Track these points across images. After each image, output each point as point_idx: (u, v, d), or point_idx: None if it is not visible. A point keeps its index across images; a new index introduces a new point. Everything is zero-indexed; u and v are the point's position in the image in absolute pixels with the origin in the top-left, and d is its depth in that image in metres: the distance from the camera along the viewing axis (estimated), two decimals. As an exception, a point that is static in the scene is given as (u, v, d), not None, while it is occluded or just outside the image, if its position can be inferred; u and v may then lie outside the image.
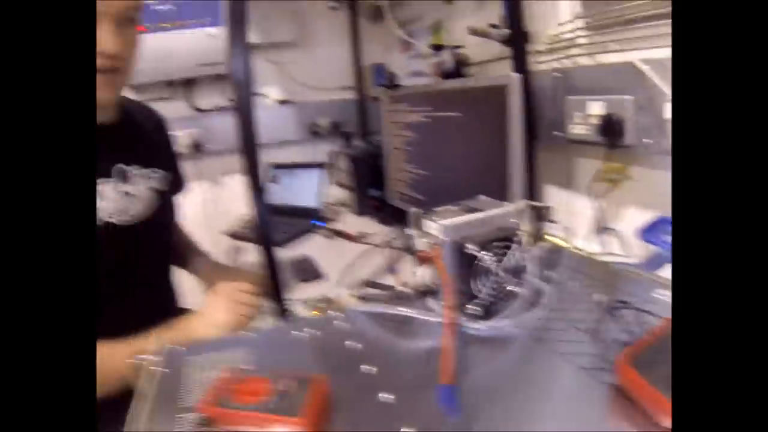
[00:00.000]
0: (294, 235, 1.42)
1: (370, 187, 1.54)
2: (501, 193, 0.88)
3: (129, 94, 0.94)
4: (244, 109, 0.84)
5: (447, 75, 1.28)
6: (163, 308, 0.95)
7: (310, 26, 2.07)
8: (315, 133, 2.02)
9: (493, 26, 1.06)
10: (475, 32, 1.09)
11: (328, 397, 0.44)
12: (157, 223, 0.92)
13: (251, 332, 0.67)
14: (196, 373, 0.51)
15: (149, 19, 1.74)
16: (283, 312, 0.87)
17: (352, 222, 1.54)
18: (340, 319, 0.62)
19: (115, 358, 0.70)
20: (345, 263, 1.00)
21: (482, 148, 0.99)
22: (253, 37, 1.85)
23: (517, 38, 1.02)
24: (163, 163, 0.96)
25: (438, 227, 0.59)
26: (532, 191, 0.97)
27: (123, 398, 0.53)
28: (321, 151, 2.01)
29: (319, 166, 1.71)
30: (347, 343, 0.56)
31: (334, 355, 0.55)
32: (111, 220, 0.82)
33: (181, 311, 0.97)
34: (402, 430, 0.40)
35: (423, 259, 0.61)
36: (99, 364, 0.72)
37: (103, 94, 0.77)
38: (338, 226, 1.47)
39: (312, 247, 1.33)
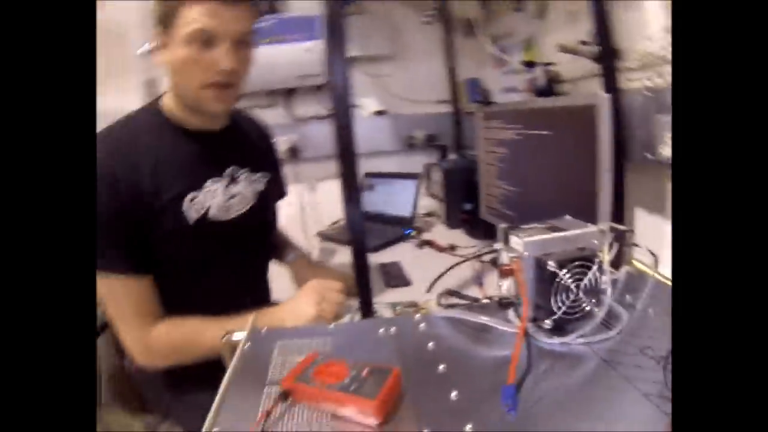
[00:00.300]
0: (385, 242, 1.49)
1: (462, 200, 1.58)
2: (589, 214, 0.88)
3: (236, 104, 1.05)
4: (342, 118, 0.88)
5: (539, 92, 1.29)
6: (257, 297, 1.03)
7: (405, 40, 2.14)
8: (410, 145, 2.09)
9: (584, 43, 1.05)
10: (564, 49, 1.09)
11: (401, 388, 0.49)
12: (255, 221, 1.02)
13: (338, 326, 0.73)
14: (283, 355, 0.59)
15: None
16: (369, 312, 0.93)
17: (442, 233, 1.58)
18: (422, 322, 0.67)
19: (206, 334, 0.84)
20: (432, 272, 1.05)
21: (571, 167, 1.00)
22: (351, 50, 1.98)
23: (606, 55, 1.01)
24: (267, 167, 1.06)
25: (521, 243, 0.62)
26: (620, 213, 0.96)
27: (214, 370, 0.61)
28: (416, 162, 2.08)
29: (414, 177, 1.77)
30: (429, 345, 0.61)
31: (413, 354, 0.59)
32: (210, 215, 0.92)
33: (273, 304, 1.05)
34: (466, 428, 0.44)
35: (505, 273, 0.64)
36: (193, 335, 0.86)
37: (219, 106, 0.89)
38: (429, 236, 1.52)
39: (402, 254, 1.38)
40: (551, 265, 0.58)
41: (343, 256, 1.29)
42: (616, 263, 0.64)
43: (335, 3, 0.90)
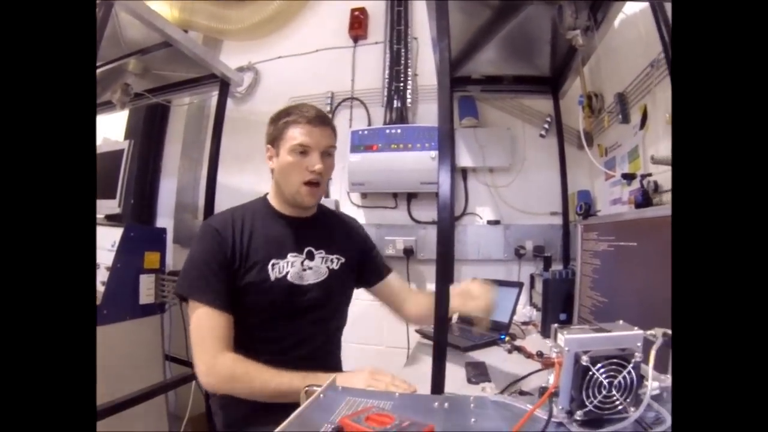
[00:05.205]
0: (479, 344, 1.55)
1: (559, 311, 1.60)
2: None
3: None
4: (444, 223, 0.98)
5: (638, 204, 1.33)
6: (320, 357, 1.23)
7: (522, 152, 2.29)
8: (520, 254, 2.16)
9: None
10: (657, 161, 1.14)
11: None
12: (325, 291, 1.24)
13: (402, 395, 0.80)
14: (348, 406, 0.71)
15: (381, 140, 2.21)
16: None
17: (535, 341, 1.60)
18: (474, 402, 0.75)
19: (263, 376, 1.05)
20: (514, 376, 1.11)
21: (652, 278, 1.02)
22: (471, 161, 2.18)
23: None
24: (343, 253, 1.31)
25: (563, 339, 0.69)
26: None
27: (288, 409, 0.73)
28: (524, 271, 2.14)
29: (516, 285, 1.82)
30: (472, 420, 0.69)
31: (455, 424, 0.67)
32: (288, 278, 1.18)
33: (336, 368, 1.29)
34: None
35: (547, 364, 0.71)
36: (254, 373, 1.05)
37: (310, 199, 1.22)
38: (521, 343, 1.54)
39: (491, 356, 1.43)
40: (584, 359, 0.64)
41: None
42: (664, 368, 0.67)
43: (447, 117, 1.04)
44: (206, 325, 1.09)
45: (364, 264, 1.39)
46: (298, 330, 1.19)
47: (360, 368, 1.07)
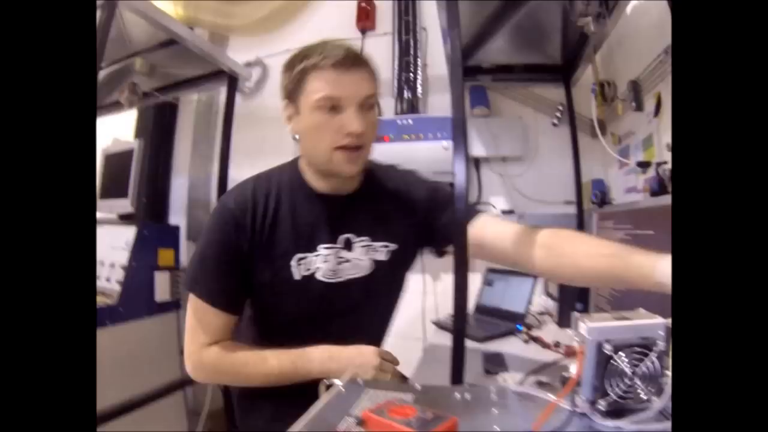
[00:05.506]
0: (495, 334, 1.54)
1: (575, 300, 1.59)
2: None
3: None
4: (460, 214, 0.96)
5: (654, 192, 1.32)
6: None
7: (535, 141, 2.27)
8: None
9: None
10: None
11: (455, 433, 0.58)
12: (368, 291, 1.01)
13: (423, 387, 0.80)
14: (369, 399, 0.71)
15: (393, 131, 2.19)
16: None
17: (552, 331, 1.59)
18: (495, 393, 0.74)
19: (282, 369, 0.93)
20: (531, 366, 1.10)
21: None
22: (483, 150, 2.15)
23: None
24: (395, 237, 1.03)
25: (585, 328, 0.68)
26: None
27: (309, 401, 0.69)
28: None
29: (533, 275, 1.81)
30: (493, 410, 0.69)
31: (477, 414, 0.67)
32: (318, 276, 0.97)
33: None
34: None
35: (570, 354, 0.70)
36: (240, 366, 0.94)
37: (349, 167, 0.93)
38: (538, 333, 1.54)
39: (507, 347, 1.42)
40: (607, 348, 0.64)
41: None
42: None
43: (460, 106, 1.03)
44: (202, 320, 0.96)
45: (432, 231, 1.06)
46: (328, 336, 0.96)
47: (359, 350, 0.94)
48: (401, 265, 1.08)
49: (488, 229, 1.02)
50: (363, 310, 1.04)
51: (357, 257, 1.00)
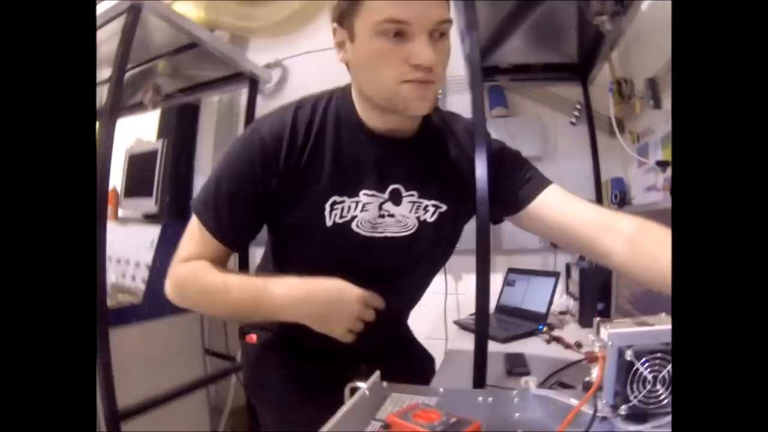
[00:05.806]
0: (516, 335, 1.55)
1: (597, 300, 1.58)
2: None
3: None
4: (482, 215, 0.96)
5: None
6: (385, 331, 0.95)
7: (554, 141, 2.26)
8: (554, 246, 2.13)
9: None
10: None
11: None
12: (408, 253, 0.88)
13: (446, 390, 0.81)
14: (393, 403, 0.72)
15: None
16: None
17: (574, 331, 1.59)
18: (517, 397, 0.75)
19: (243, 302, 0.81)
20: (554, 367, 1.10)
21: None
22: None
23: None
24: (446, 197, 0.89)
25: (606, 334, 0.69)
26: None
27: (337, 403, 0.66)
28: (560, 261, 2.11)
29: (553, 275, 1.81)
30: (516, 415, 0.70)
31: (499, 419, 0.69)
32: (354, 227, 0.83)
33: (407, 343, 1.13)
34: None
35: (591, 359, 0.71)
36: (230, 304, 0.82)
37: (419, 105, 0.76)
38: (560, 333, 1.54)
39: (529, 347, 1.43)
40: (628, 354, 0.64)
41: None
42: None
43: (481, 106, 1.04)
44: (197, 242, 0.85)
45: (491, 195, 0.92)
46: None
47: (340, 293, 0.77)
48: (448, 231, 0.92)
49: (559, 207, 0.89)
50: (399, 276, 0.91)
51: (403, 213, 0.85)
